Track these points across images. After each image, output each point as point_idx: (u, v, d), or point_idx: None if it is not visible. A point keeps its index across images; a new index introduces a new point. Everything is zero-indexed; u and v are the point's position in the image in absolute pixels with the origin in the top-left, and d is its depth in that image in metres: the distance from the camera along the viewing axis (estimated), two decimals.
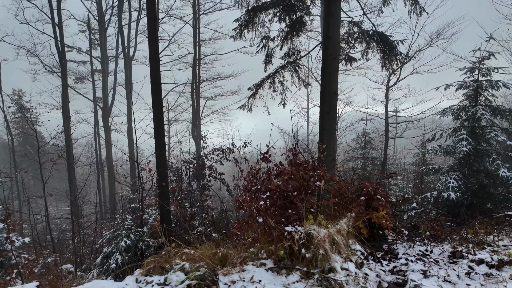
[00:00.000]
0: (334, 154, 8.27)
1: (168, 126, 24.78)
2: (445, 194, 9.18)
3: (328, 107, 8.11)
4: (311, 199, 4.16)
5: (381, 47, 9.19)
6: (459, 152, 9.56)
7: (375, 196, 4.59)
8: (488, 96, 9.78)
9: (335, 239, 3.30)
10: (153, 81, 7.41)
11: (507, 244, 4.41)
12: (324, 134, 8.25)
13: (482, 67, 9.72)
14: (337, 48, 7.86)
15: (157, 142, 7.65)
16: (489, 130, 9.35)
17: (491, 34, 9.81)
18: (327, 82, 8.00)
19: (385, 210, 4.72)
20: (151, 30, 7.28)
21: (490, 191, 9.36)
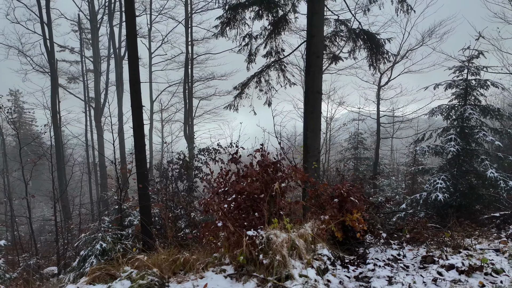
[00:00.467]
0: (318, 154, 8.11)
1: (162, 126, 24.63)
2: (433, 195, 9.02)
3: (311, 107, 7.96)
4: (281, 201, 4.00)
5: (368, 45, 9.04)
6: (447, 153, 9.41)
7: (348, 198, 4.43)
8: (477, 95, 9.63)
9: (296, 244, 3.14)
10: (131, 80, 7.25)
11: (485, 248, 4.25)
12: (308, 134, 8.10)
13: (471, 66, 9.57)
14: (321, 46, 7.70)
15: (136, 142, 7.49)
16: (478, 130, 9.19)
17: (480, 32, 9.67)
18: (311, 81, 7.85)
19: (359, 212, 4.56)
20: (129, 27, 7.12)
21: (479, 192, 9.21)
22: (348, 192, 4.43)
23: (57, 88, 16.17)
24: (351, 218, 4.50)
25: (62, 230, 9.84)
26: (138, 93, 7.35)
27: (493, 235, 5.10)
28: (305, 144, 8.25)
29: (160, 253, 3.93)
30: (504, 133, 9.24)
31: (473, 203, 9.30)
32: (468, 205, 9.36)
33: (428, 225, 7.72)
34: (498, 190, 8.92)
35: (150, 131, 22.67)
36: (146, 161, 7.78)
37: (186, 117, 19.63)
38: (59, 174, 16.94)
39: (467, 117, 9.09)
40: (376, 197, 13.02)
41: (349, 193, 4.43)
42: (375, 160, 14.63)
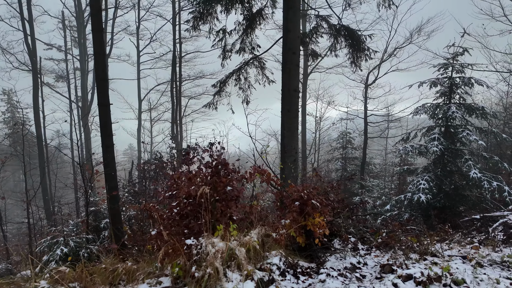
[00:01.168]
0: (296, 154, 7.82)
1: (151, 125, 24.27)
2: (416, 197, 8.76)
3: (288, 105, 7.68)
4: (233, 205, 3.70)
5: (350, 42, 8.77)
6: (431, 153, 9.16)
7: (309, 201, 4.14)
8: (462, 93, 9.38)
9: (236, 254, 2.84)
10: (98, 77, 6.93)
11: (453, 255, 3.98)
12: (285, 133, 7.82)
13: (456, 63, 9.32)
14: (297, 42, 7.41)
15: (103, 141, 7.16)
16: (462, 129, 8.94)
17: (465, 29, 9.41)
18: (287, 78, 7.57)
19: (322, 216, 4.28)
20: (94, 22, 6.79)
21: (463, 193, 8.96)
22: (309, 195, 4.14)
23: (38, 86, 15.78)
24: (312, 222, 4.22)
25: (35, 233, 9.49)
26: (105, 90, 7.02)
27: (467, 240, 4.83)
28: (282, 144, 7.98)
29: (103, 261, 3.64)
30: (489, 132, 8.99)
31: (457, 204, 9.05)
32: (452, 206, 9.12)
33: (408, 227, 7.49)
34: (482, 191, 8.68)
35: (138, 131, 22.33)
36: (115, 161, 7.44)
37: (173, 116, 19.28)
38: (42, 175, 16.56)
39: (450, 116, 8.83)
40: (362, 198, 12.78)
41: (310, 196, 4.14)
42: (363, 160, 14.36)
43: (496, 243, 4.46)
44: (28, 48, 15.43)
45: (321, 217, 4.27)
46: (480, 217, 6.88)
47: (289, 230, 4.09)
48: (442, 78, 9.38)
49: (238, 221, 3.79)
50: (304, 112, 18.34)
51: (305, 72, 17.93)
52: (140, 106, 22.33)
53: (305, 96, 18.19)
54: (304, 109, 18.35)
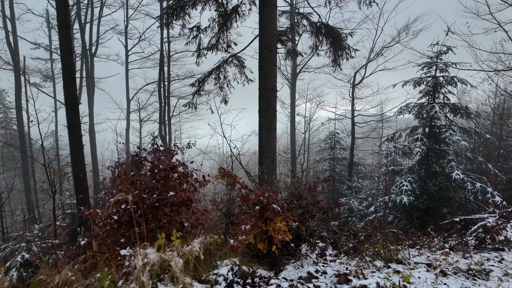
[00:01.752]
0: (273, 155, 7.59)
1: (140, 126, 23.93)
2: (398, 198, 8.57)
3: (265, 105, 7.45)
4: (184, 211, 3.46)
5: (331, 40, 8.57)
6: (415, 153, 8.97)
7: (269, 206, 3.91)
8: (445, 93, 9.20)
9: (171, 266, 2.60)
10: (65, 75, 6.67)
11: (419, 262, 3.76)
12: (262, 133, 7.59)
13: (440, 62, 9.14)
14: (273, 40, 7.18)
15: (72, 142, 6.91)
16: (445, 129, 8.76)
17: (449, 27, 9.23)
18: (264, 77, 7.34)
19: (283, 221, 4.05)
20: (61, 18, 6.54)
21: (447, 195, 8.77)
22: (268, 199, 3.91)
23: (21, 85, 15.44)
24: (273, 227, 3.99)
25: (7, 237, 9.19)
26: (73, 89, 6.77)
27: (439, 244, 4.62)
28: (260, 145, 7.75)
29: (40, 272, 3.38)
30: (473, 132, 8.81)
31: (441, 206, 8.86)
32: (435, 208, 8.93)
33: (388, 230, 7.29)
34: (465, 193, 8.50)
35: (126, 131, 21.97)
36: (85, 163, 7.18)
37: (161, 116, 18.99)
38: (24, 177, 16.23)
39: (433, 116, 8.64)
40: (348, 199, 12.57)
41: (269, 200, 3.90)
42: (350, 161, 14.16)
43: (467, 248, 4.25)
44: (9, 47, 15.09)
45: (283, 222, 4.05)
46: (460, 219, 6.69)
47: (248, 236, 3.86)
48: (425, 77, 9.20)
49: (190, 228, 3.55)
50: (293, 112, 18.14)
51: (294, 72, 17.73)
52: (129, 106, 22.00)
53: (294, 96, 17.99)
54: (293, 109, 18.15)
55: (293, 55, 8.65)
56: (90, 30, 18.44)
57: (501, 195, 8.18)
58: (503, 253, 4.05)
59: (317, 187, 7.02)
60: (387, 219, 9.92)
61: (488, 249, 4.22)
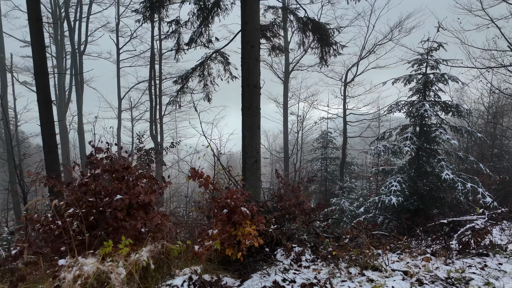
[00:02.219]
0: (257, 155, 7.33)
1: (132, 125, 23.61)
2: (387, 199, 8.33)
3: (248, 102, 7.18)
4: (140, 216, 3.19)
5: (318, 36, 8.31)
6: (404, 153, 8.72)
7: (237, 209, 3.65)
8: (436, 90, 8.96)
9: (109, 279, 2.33)
10: (36, 71, 6.38)
11: (396, 269, 3.51)
12: (245, 132, 7.33)
13: (430, 59, 8.90)
14: (256, 35, 6.91)
15: (45, 142, 6.62)
16: (435, 128, 8.52)
17: (440, 23, 8.99)
18: (246, 73, 7.08)
19: (253, 225, 3.79)
20: (31, 11, 6.23)
21: (437, 195, 8.53)
22: (236, 202, 3.64)
23: (6, 83, 15.12)
24: (242, 232, 3.73)
25: None
26: (45, 85, 6.48)
27: (421, 249, 4.36)
28: (243, 144, 7.48)
29: None
30: (464, 131, 8.57)
31: (431, 207, 8.63)
32: (426, 209, 8.70)
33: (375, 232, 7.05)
34: (455, 193, 8.27)
35: (118, 130, 21.64)
36: (59, 162, 6.90)
37: (152, 115, 18.68)
38: (11, 177, 15.89)
39: (422, 114, 8.40)
40: (339, 200, 12.32)
41: (237, 202, 3.64)
42: (342, 160, 13.91)
43: (449, 253, 4.00)
44: None
45: (253, 227, 3.79)
46: (448, 221, 6.45)
47: (213, 242, 3.59)
48: (415, 75, 8.96)
49: (148, 234, 3.28)
50: (285, 111, 17.87)
51: (287, 70, 17.46)
52: (120, 105, 21.67)
53: (287, 94, 17.72)
54: (286, 107, 17.88)
55: (279, 51, 8.38)
56: (79, 28, 18.13)
57: (492, 195, 7.96)
58: (487, 259, 3.80)
59: (301, 188, 6.78)
60: (377, 220, 9.69)
61: (472, 254, 3.98)
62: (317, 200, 14.95)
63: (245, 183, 7.33)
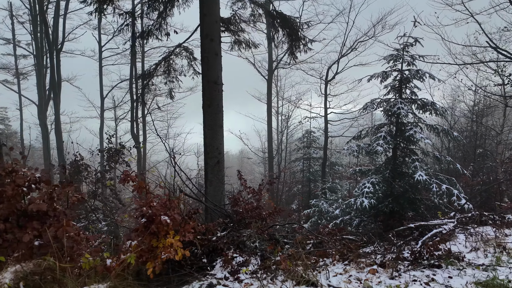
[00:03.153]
0: (219, 155, 6.91)
1: (115, 124, 23.10)
2: (359, 201, 7.96)
3: (208, 100, 6.78)
4: (32, 227, 2.78)
5: (287, 30, 7.92)
6: (378, 153, 8.35)
7: (157, 218, 3.24)
8: (412, 88, 8.59)
9: None
10: None
11: (333, 285, 3.12)
12: (206, 131, 6.92)
13: (406, 54, 8.54)
14: (215, 27, 6.51)
15: None
16: (410, 127, 8.15)
17: (416, 17, 8.61)
18: (206, 69, 6.68)
19: (177, 236, 3.38)
20: None
21: (412, 197, 8.15)
22: (154, 209, 3.23)
23: None
24: (164, 243, 3.32)
25: None
26: None
27: (369, 260, 3.97)
28: (204, 144, 7.08)
29: None
30: (440, 130, 8.21)
31: (406, 209, 8.25)
32: (401, 211, 8.32)
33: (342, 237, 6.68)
34: (430, 195, 7.91)
35: (100, 130, 21.18)
36: None
37: (133, 115, 18.21)
38: None
39: (395, 112, 8.03)
40: (318, 201, 11.95)
41: (156, 210, 3.23)
42: (323, 160, 13.54)
43: (399, 265, 3.62)
44: None
45: (177, 237, 3.38)
46: (415, 226, 6.08)
47: (127, 255, 3.18)
48: (390, 71, 8.58)
49: (46, 247, 2.86)
50: (269, 109, 17.48)
51: (270, 68, 17.06)
52: (103, 104, 21.18)
53: (270, 93, 17.33)
54: (269, 106, 17.48)
55: (246, 46, 7.96)
56: (55, 24, 17.60)
57: (473, 197, 7.60)
58: (437, 271, 3.42)
59: (262, 190, 6.37)
60: (352, 222, 9.32)
61: (423, 265, 3.59)
62: (299, 202, 14.57)
63: (207, 186, 6.94)
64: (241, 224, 5.58)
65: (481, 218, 5.91)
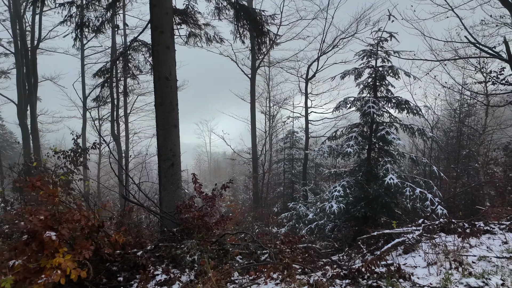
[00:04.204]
0: (173, 157, 6.41)
1: (99, 124, 22.52)
2: (328, 205, 7.48)
3: (160, 97, 6.29)
4: None
5: (251, 25, 7.43)
6: (352, 154, 7.87)
7: (40, 235, 2.75)
8: (387, 85, 8.13)
9: None
10: None
11: None
12: (159, 131, 6.43)
13: (381, 50, 8.08)
14: (165, 19, 6.02)
15: None
16: (383, 127, 7.68)
17: (390, 11, 8.15)
18: (156, 64, 6.18)
19: (69, 255, 2.89)
20: None
21: (386, 201, 7.69)
22: (35, 224, 2.74)
23: None
24: (51, 264, 2.82)
25: None
26: None
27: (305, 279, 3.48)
28: (157, 145, 6.58)
29: None
30: (416, 129, 7.74)
31: (379, 214, 7.78)
32: (374, 216, 7.85)
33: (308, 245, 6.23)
34: (403, 199, 7.45)
35: (83, 130, 20.67)
36: None
37: (113, 114, 17.68)
38: None
39: (366, 111, 7.55)
40: (295, 204, 11.47)
41: (36, 225, 2.74)
42: (304, 161, 13.05)
43: (332, 282, 3.14)
44: None
45: (68, 256, 2.88)
46: (377, 234, 5.59)
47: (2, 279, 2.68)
48: (362, 68, 8.12)
49: None
50: (253, 109, 16.95)
51: (253, 66, 16.55)
52: (85, 104, 20.64)
53: (254, 91, 16.81)
54: (253, 105, 16.96)
55: (207, 40, 7.47)
56: (32, 21, 17.08)
57: (441, 201, 7.12)
58: None
59: (216, 196, 5.87)
60: (326, 227, 8.85)
61: (361, 286, 3.11)
62: (280, 205, 14.09)
63: (161, 191, 6.44)
64: (186, 233, 5.10)
65: (449, 226, 5.43)
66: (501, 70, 8.09)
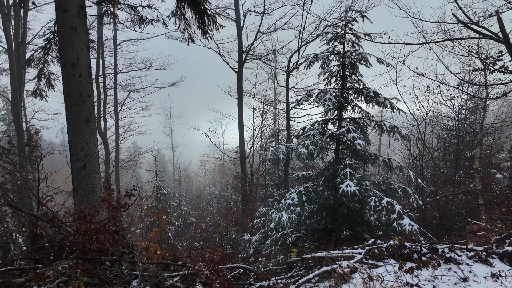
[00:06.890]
0: (85, 158, 5.53)
1: None
2: (277, 216, 6.37)
3: (67, 87, 5.41)
4: None
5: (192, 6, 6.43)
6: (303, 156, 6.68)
7: None
8: (357, 74, 6.87)
9: None
10: None
11: None
12: (68, 128, 5.55)
13: (350, 32, 6.83)
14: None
15: None
16: (346, 123, 6.45)
17: None
18: (61, 48, 5.30)
19: None
20: None
21: (345, 212, 6.44)
22: None
23: None
24: None
25: None
26: None
27: None
28: (68, 143, 5.71)
29: None
30: (388, 127, 6.45)
31: (341, 227, 6.55)
32: (336, 229, 6.64)
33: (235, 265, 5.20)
34: (365, 211, 6.19)
35: None
36: None
37: (100, 111, 17.24)
38: None
39: (324, 104, 6.34)
40: (269, 209, 10.35)
41: None
42: (285, 162, 11.89)
43: None
44: None
45: None
46: (311, 257, 4.43)
47: None
48: (321, 54, 6.89)
49: None
50: (240, 105, 15.92)
51: (240, 59, 15.50)
52: None
53: (241, 86, 15.75)
54: (241, 101, 15.92)
55: (141, 22, 6.53)
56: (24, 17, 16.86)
57: (412, 215, 5.82)
58: None
59: (122, 206, 4.91)
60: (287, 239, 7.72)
61: None
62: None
63: (74, 196, 5.56)
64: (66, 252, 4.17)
65: (401, 250, 4.18)
66: (498, 55, 6.60)
